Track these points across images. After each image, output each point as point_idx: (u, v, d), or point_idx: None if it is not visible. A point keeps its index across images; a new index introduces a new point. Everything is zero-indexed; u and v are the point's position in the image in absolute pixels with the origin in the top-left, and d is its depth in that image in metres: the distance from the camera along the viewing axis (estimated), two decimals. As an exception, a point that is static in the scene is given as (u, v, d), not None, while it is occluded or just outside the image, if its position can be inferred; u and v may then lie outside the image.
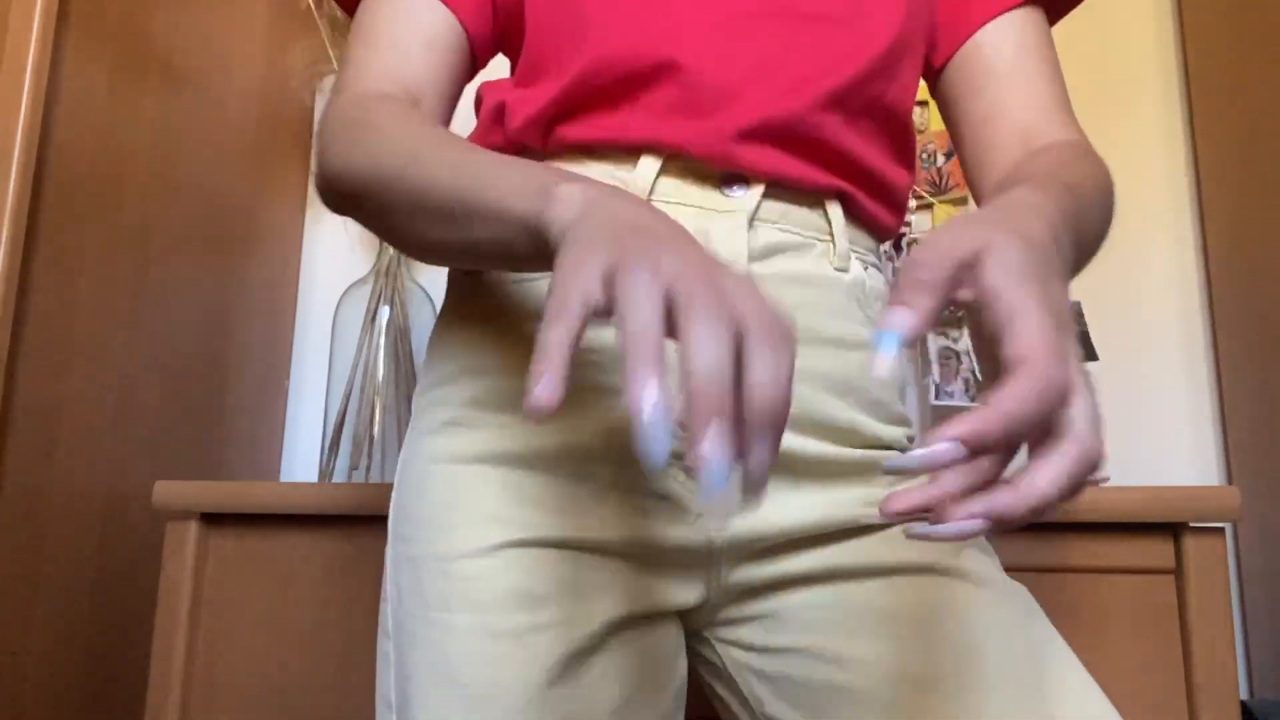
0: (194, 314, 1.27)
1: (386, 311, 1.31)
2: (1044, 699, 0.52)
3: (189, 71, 1.27)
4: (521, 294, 0.61)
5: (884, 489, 0.61)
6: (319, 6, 1.37)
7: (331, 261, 1.55)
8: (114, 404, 1.12)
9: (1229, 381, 1.32)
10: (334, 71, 1.40)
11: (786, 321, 0.38)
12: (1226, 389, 1.33)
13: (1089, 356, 1.26)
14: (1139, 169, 1.44)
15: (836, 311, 0.62)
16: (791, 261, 0.61)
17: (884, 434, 0.63)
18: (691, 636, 0.64)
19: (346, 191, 0.57)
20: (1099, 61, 1.47)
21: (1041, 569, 0.92)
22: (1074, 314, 1.29)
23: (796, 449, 0.59)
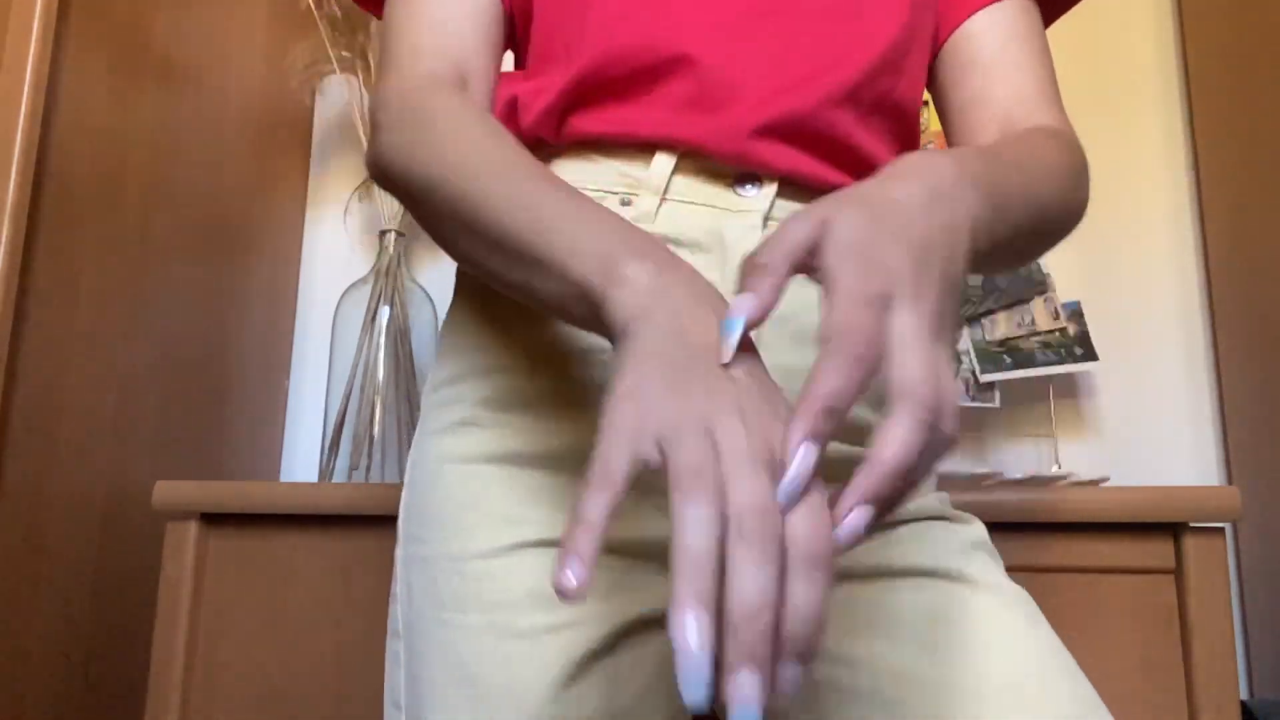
0: (194, 314, 1.27)
1: (386, 311, 1.31)
2: (1045, 707, 0.52)
3: (189, 72, 1.27)
4: None
5: None
6: (319, 6, 1.37)
7: (331, 261, 1.55)
8: (114, 404, 1.12)
9: (1229, 381, 1.32)
10: (334, 71, 1.39)
11: (826, 539, 0.36)
12: (1226, 389, 1.33)
13: (1088, 356, 1.26)
14: (1139, 169, 1.44)
15: None
16: None
17: None
18: None
19: (399, 188, 0.56)
20: (1099, 62, 1.47)
21: (1042, 569, 0.92)
22: (1073, 314, 1.29)
23: None
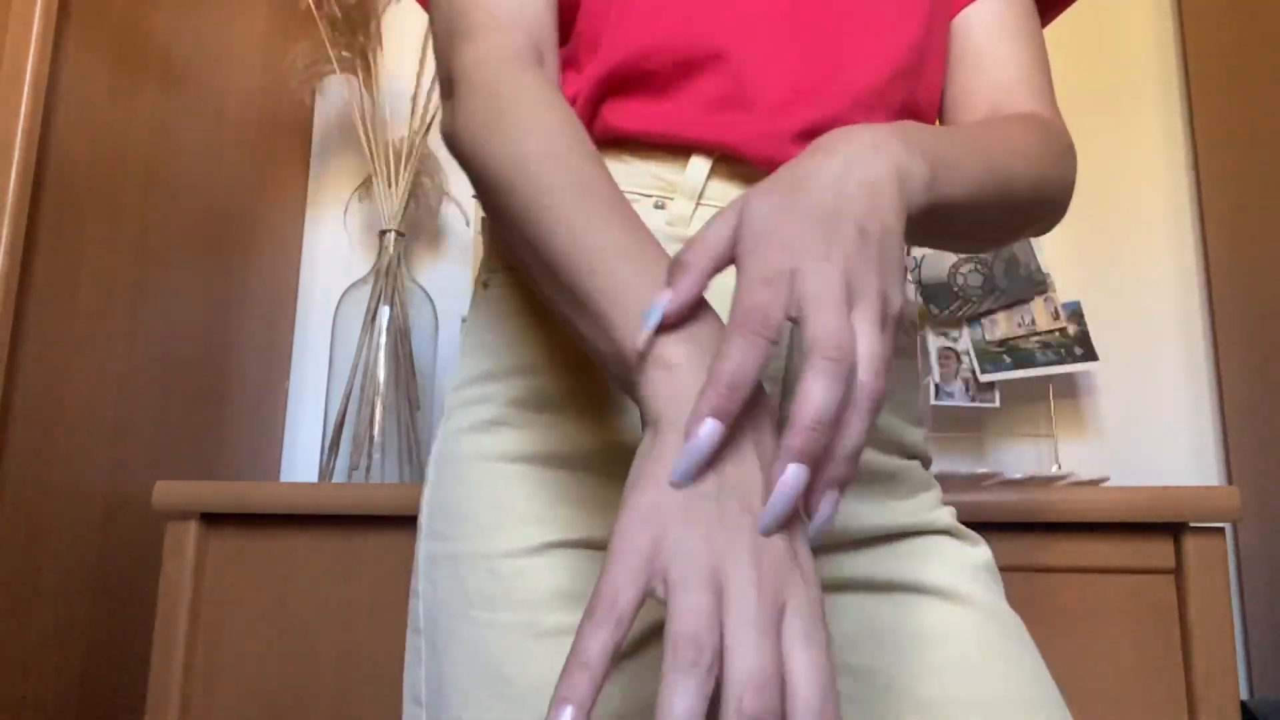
0: (194, 314, 1.27)
1: (386, 311, 1.31)
2: None
3: (189, 71, 1.27)
4: None
5: (906, 500, 0.62)
6: (319, 6, 1.37)
7: (331, 261, 1.55)
8: (114, 404, 1.12)
9: (1229, 381, 1.32)
10: (334, 71, 1.39)
11: (822, 622, 0.36)
12: (1226, 389, 1.33)
13: (1088, 356, 1.26)
14: (1139, 169, 1.44)
15: None
16: None
17: (909, 436, 0.64)
18: None
19: (471, 171, 0.55)
20: (1099, 61, 1.47)
21: (1042, 569, 0.92)
22: (1073, 314, 1.29)
23: None
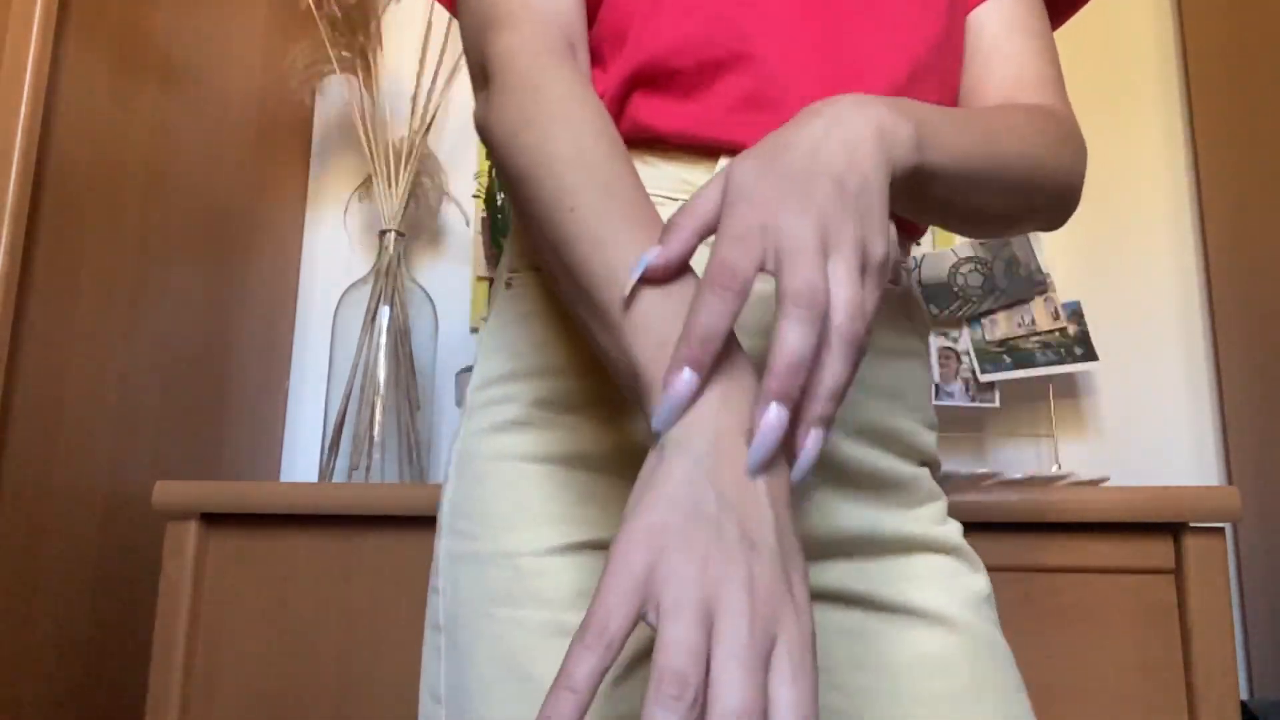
0: (194, 314, 1.27)
1: (386, 311, 1.31)
2: None
3: (189, 72, 1.27)
4: None
5: (913, 509, 0.62)
6: (319, 6, 1.37)
7: (331, 261, 1.55)
8: (114, 404, 1.12)
9: (1229, 381, 1.32)
10: (334, 71, 1.39)
11: (811, 658, 0.36)
12: (1226, 389, 1.33)
13: (1088, 356, 1.26)
14: (1139, 169, 1.44)
15: (889, 323, 0.63)
16: None
17: (922, 439, 0.64)
18: None
19: (500, 162, 0.55)
20: (1099, 61, 1.47)
21: (1042, 569, 0.92)
22: (1073, 314, 1.29)
23: (848, 454, 0.59)
